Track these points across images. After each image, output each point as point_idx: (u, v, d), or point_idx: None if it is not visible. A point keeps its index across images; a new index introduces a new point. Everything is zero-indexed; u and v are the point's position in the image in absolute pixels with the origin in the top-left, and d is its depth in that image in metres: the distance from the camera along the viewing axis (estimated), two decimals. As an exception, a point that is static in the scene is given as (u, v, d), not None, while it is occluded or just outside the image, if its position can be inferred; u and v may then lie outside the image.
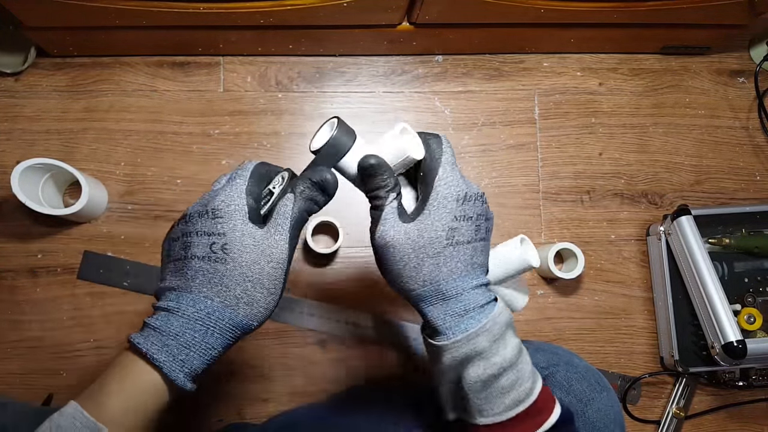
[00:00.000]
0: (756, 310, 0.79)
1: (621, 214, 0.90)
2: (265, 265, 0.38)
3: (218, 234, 0.38)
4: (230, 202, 0.39)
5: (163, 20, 0.74)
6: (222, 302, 0.38)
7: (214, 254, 0.38)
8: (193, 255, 0.38)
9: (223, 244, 0.38)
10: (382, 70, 0.91)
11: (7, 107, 0.84)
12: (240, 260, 0.38)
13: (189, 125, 0.86)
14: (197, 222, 0.39)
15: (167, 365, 0.36)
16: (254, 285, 0.38)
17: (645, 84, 0.94)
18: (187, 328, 0.37)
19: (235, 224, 0.38)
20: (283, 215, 0.39)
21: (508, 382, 0.40)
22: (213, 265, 0.38)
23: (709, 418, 0.87)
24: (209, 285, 0.38)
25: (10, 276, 0.80)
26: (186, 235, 0.39)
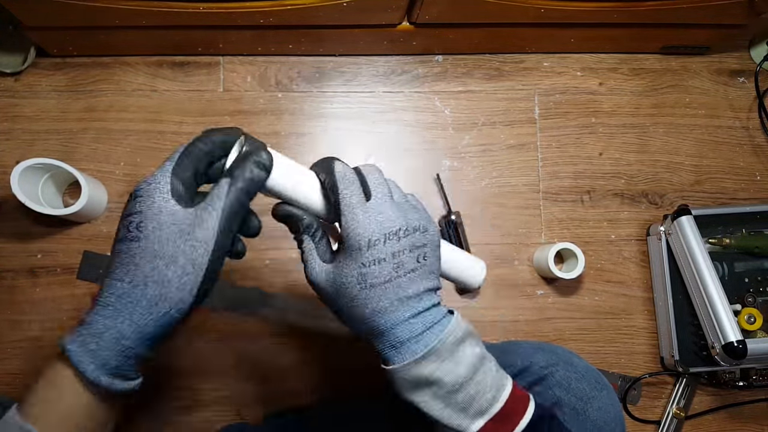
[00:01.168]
0: (756, 310, 0.79)
1: (621, 214, 0.90)
2: (182, 243, 0.36)
3: (136, 213, 0.37)
4: (151, 182, 0.37)
5: (163, 20, 0.74)
6: (130, 281, 0.36)
7: (130, 233, 0.36)
8: (116, 239, 0.37)
9: (139, 222, 0.36)
10: (382, 69, 0.91)
11: (6, 107, 0.84)
12: (153, 237, 0.36)
13: (189, 125, 0.86)
14: (126, 206, 0.38)
15: (75, 356, 0.35)
16: (167, 263, 0.36)
17: (645, 84, 0.94)
18: (99, 314, 0.36)
19: (153, 201, 0.36)
20: (215, 196, 0.38)
21: (466, 398, 0.39)
22: (128, 245, 0.36)
23: (710, 418, 0.87)
24: (122, 266, 0.36)
25: (9, 276, 0.80)
26: (119, 222, 0.38)
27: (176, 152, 0.39)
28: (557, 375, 0.57)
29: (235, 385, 0.80)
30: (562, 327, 0.86)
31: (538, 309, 0.86)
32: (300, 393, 0.81)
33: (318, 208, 0.43)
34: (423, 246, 0.40)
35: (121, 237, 0.37)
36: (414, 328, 0.40)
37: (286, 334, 0.82)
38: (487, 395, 0.40)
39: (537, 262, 0.86)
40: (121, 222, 0.37)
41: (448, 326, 0.40)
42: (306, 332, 0.82)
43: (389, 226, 0.39)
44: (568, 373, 0.58)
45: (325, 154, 0.90)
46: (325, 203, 0.43)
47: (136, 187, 0.38)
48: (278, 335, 0.82)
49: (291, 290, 0.83)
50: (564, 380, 0.57)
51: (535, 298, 0.86)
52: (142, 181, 0.38)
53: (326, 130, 0.88)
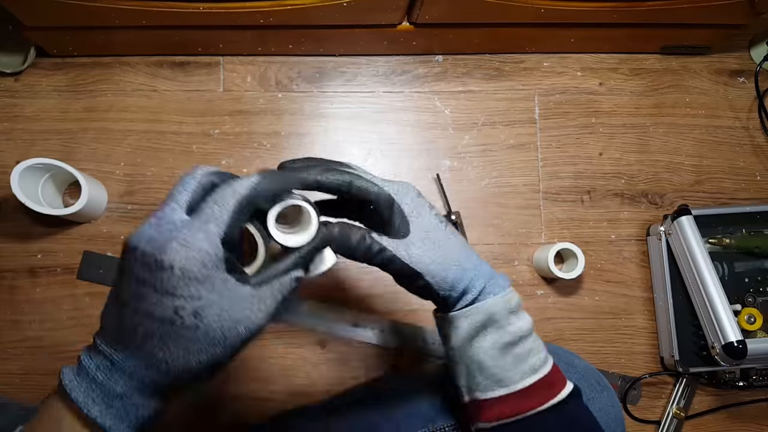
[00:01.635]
0: (756, 310, 0.79)
1: (621, 214, 0.90)
2: (244, 329, 0.33)
3: (189, 297, 0.31)
4: (206, 261, 0.31)
5: (163, 20, 0.74)
6: (178, 365, 0.32)
7: (181, 319, 0.31)
8: (147, 312, 0.31)
9: (195, 309, 0.31)
10: (382, 69, 0.91)
11: (6, 107, 0.84)
12: (215, 326, 0.31)
13: (189, 125, 0.86)
14: (156, 273, 0.31)
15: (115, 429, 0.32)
16: (224, 349, 0.32)
17: (645, 84, 0.94)
18: (135, 391, 0.32)
19: (213, 284, 0.31)
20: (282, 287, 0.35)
21: (524, 350, 0.41)
22: (177, 330, 0.31)
23: (710, 418, 0.87)
24: (166, 350, 0.31)
25: (9, 276, 0.80)
26: (138, 282, 0.31)
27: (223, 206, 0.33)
28: (557, 375, 0.57)
29: (236, 385, 0.80)
30: (562, 327, 0.86)
31: (538, 309, 0.86)
32: (305, 393, 0.81)
33: None
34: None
35: (162, 317, 0.31)
36: (487, 270, 0.43)
37: (290, 333, 0.82)
38: (541, 354, 0.42)
39: (537, 262, 0.86)
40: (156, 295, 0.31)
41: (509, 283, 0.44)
42: (310, 332, 0.82)
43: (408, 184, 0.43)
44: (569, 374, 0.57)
45: (325, 154, 0.90)
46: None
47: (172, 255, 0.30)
48: (281, 335, 0.82)
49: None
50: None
51: (535, 298, 0.86)
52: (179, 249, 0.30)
53: (326, 130, 0.88)
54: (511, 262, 0.87)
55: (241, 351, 0.34)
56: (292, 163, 0.41)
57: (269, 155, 0.86)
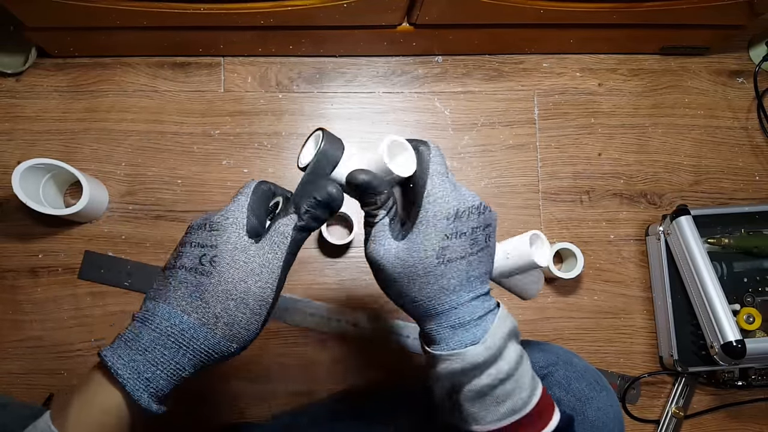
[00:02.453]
0: (755, 309, 0.79)
1: (620, 214, 0.90)
2: (253, 284, 0.36)
3: (210, 246, 0.36)
4: (228, 216, 0.37)
5: (164, 21, 0.74)
6: (199, 319, 0.35)
7: (202, 266, 0.36)
8: (181, 265, 0.36)
9: (213, 257, 0.36)
10: (382, 70, 0.91)
11: (8, 107, 0.84)
12: (226, 275, 0.36)
13: (190, 125, 0.86)
14: (194, 233, 0.38)
15: (131, 383, 0.34)
16: (237, 304, 0.36)
17: (644, 84, 0.94)
18: (158, 343, 0.35)
19: (229, 237, 0.36)
20: (281, 234, 0.38)
21: (503, 393, 0.39)
22: (198, 278, 0.36)
23: (708, 417, 0.87)
24: (189, 299, 0.35)
25: (11, 276, 0.80)
26: (181, 245, 0.38)
27: (247, 186, 0.39)
28: (557, 375, 0.57)
29: (237, 385, 0.80)
30: (561, 326, 0.86)
31: (537, 309, 0.86)
32: (306, 392, 0.81)
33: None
34: (490, 226, 0.42)
35: (190, 266, 0.36)
36: (474, 311, 0.40)
37: (290, 333, 0.82)
38: (522, 394, 0.40)
39: (536, 262, 0.86)
40: (188, 248, 0.37)
41: (497, 317, 0.40)
42: (311, 332, 0.83)
43: (471, 201, 0.40)
44: (568, 373, 0.58)
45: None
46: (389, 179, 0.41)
47: (208, 217, 0.38)
48: (281, 334, 0.82)
49: (295, 289, 0.83)
50: (563, 380, 0.57)
51: (534, 298, 0.86)
52: (218, 213, 0.38)
53: (326, 130, 0.88)
54: (511, 262, 0.87)
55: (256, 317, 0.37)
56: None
57: (270, 155, 0.86)
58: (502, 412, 0.40)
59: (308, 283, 0.84)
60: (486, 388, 0.39)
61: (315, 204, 0.38)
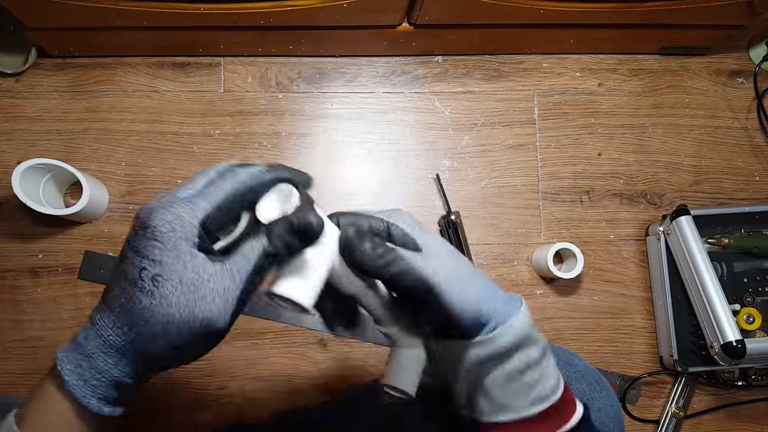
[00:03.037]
0: (755, 309, 0.79)
1: (620, 214, 0.90)
2: (200, 312, 0.31)
3: (152, 260, 0.31)
4: (177, 226, 0.31)
5: (164, 21, 0.74)
6: (137, 334, 0.32)
7: (142, 282, 0.31)
8: (123, 271, 0.32)
9: (155, 275, 0.31)
10: (382, 70, 0.91)
11: (8, 107, 0.84)
12: (170, 299, 0.31)
13: (190, 126, 0.86)
14: (136, 234, 0.32)
15: (77, 390, 0.32)
16: (180, 329, 0.31)
17: (644, 84, 0.94)
18: (101, 350, 0.32)
19: (178, 254, 0.31)
20: (246, 259, 0.33)
21: (532, 379, 0.39)
22: (137, 294, 0.31)
23: (708, 417, 0.87)
24: (126, 314, 0.32)
25: (11, 276, 0.80)
26: (127, 243, 0.33)
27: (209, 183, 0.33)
28: (557, 375, 0.58)
29: (237, 384, 0.80)
30: (561, 327, 0.86)
31: (537, 309, 0.86)
32: (306, 392, 0.81)
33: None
34: None
35: (129, 277, 0.31)
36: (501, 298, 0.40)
37: (290, 333, 0.82)
38: (550, 381, 0.40)
39: (536, 262, 0.86)
40: (129, 252, 0.32)
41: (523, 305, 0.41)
42: (310, 332, 0.83)
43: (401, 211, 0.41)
44: (568, 374, 0.58)
45: (325, 154, 0.90)
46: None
47: (152, 213, 0.31)
48: (281, 334, 0.82)
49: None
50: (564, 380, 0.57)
51: (534, 298, 0.87)
52: (163, 210, 0.31)
53: (326, 130, 0.88)
54: (511, 262, 0.87)
55: (206, 343, 0.33)
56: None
57: (270, 155, 0.86)
58: (532, 398, 0.39)
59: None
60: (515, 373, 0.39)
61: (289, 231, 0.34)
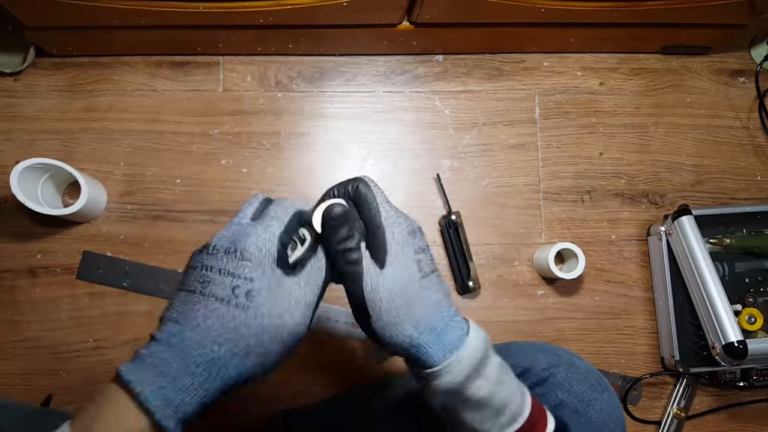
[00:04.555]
0: (757, 310, 0.79)
1: (622, 214, 0.90)
2: (289, 319, 0.36)
3: (244, 278, 0.35)
4: (261, 246, 0.36)
5: (163, 20, 0.74)
6: (231, 350, 0.34)
7: (236, 298, 0.35)
8: (210, 293, 0.35)
9: (248, 290, 0.35)
10: (382, 69, 0.91)
11: (6, 107, 0.84)
12: (263, 309, 0.35)
13: (188, 125, 0.86)
14: (222, 258, 0.36)
15: (160, 411, 0.33)
16: (271, 338, 0.35)
17: (646, 84, 0.94)
18: (187, 372, 0.34)
19: (264, 270, 0.35)
20: (317, 269, 0.38)
21: (498, 401, 0.40)
22: (231, 310, 0.34)
23: (710, 418, 0.87)
24: (221, 330, 0.34)
25: (9, 276, 0.80)
26: (206, 269, 0.36)
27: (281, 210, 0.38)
28: (559, 376, 0.57)
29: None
30: (562, 327, 0.86)
31: (538, 309, 0.86)
32: (304, 392, 0.81)
33: None
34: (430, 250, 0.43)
35: (222, 296, 0.35)
36: (458, 326, 0.40)
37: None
38: (515, 400, 0.40)
39: (537, 262, 0.86)
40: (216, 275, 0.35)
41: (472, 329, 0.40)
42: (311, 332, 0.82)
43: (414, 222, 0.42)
44: (570, 375, 0.58)
45: (325, 154, 0.90)
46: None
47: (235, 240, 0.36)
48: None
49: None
50: (565, 382, 0.57)
51: (535, 299, 0.86)
52: (246, 237, 0.36)
53: (326, 130, 0.88)
54: (512, 262, 0.87)
55: (291, 349, 0.37)
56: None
57: (269, 155, 0.86)
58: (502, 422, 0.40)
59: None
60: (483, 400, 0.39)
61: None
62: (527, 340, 0.85)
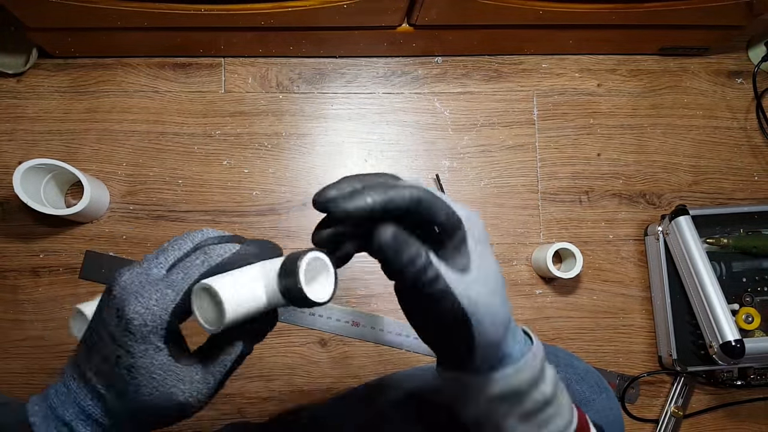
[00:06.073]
0: (754, 309, 0.79)
1: (619, 214, 0.90)
2: (173, 409, 0.33)
3: (125, 350, 0.31)
4: (148, 321, 0.31)
5: (165, 21, 0.74)
6: (120, 411, 0.32)
7: (117, 368, 0.31)
8: (98, 349, 0.32)
9: (129, 366, 0.31)
10: (382, 71, 0.91)
11: (9, 108, 0.84)
12: (144, 391, 0.31)
13: (190, 126, 0.86)
14: (112, 317, 0.31)
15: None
16: (159, 410, 0.32)
17: (643, 85, 0.95)
18: (80, 419, 0.33)
19: (146, 349, 0.31)
20: (222, 365, 0.34)
21: (546, 416, 0.38)
22: (114, 375, 0.32)
23: (707, 417, 0.87)
24: (106, 388, 0.32)
25: (12, 275, 0.81)
26: (100, 320, 0.32)
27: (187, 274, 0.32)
28: (557, 377, 0.58)
29: (237, 384, 0.81)
30: (560, 326, 0.87)
31: (536, 308, 0.87)
32: (304, 392, 0.81)
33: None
34: None
35: (103, 353, 0.32)
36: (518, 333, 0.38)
37: (290, 332, 0.82)
38: (565, 416, 0.39)
39: (535, 262, 0.86)
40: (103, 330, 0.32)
41: (536, 340, 0.38)
42: (311, 331, 0.83)
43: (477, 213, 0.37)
44: (568, 375, 0.58)
45: (325, 155, 0.90)
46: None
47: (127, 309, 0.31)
48: (281, 334, 0.82)
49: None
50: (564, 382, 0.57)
51: (533, 298, 0.87)
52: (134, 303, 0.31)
53: (326, 131, 0.88)
54: (510, 261, 0.87)
55: (183, 417, 0.34)
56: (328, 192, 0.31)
57: (270, 156, 0.87)
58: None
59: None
60: (531, 413, 0.38)
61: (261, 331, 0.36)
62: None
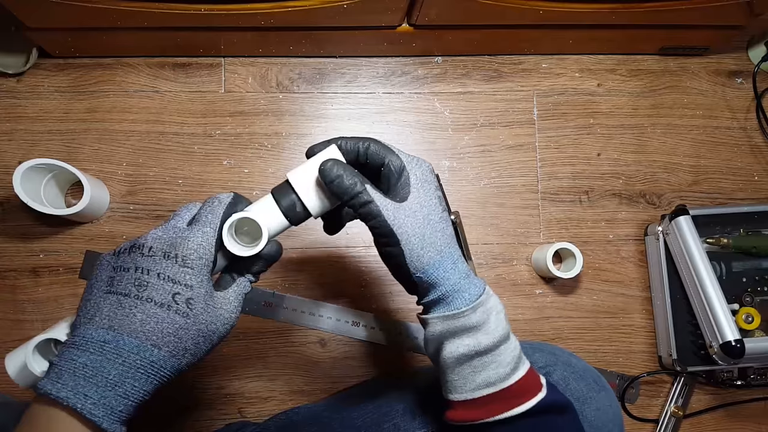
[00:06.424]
0: (754, 309, 0.79)
1: (619, 214, 0.90)
2: (221, 326, 0.39)
3: (185, 285, 0.36)
4: (202, 254, 0.37)
5: (165, 21, 0.74)
6: (170, 352, 0.36)
7: (176, 305, 0.36)
8: (149, 298, 0.35)
9: (188, 298, 0.36)
10: (382, 71, 0.91)
11: (9, 108, 0.84)
12: (201, 318, 0.37)
13: (190, 126, 0.86)
14: (161, 263, 0.36)
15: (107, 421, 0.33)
16: (205, 341, 0.38)
17: (643, 85, 0.95)
18: (127, 377, 0.34)
19: (202, 280, 0.37)
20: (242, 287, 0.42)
21: (480, 364, 0.42)
22: (172, 316, 0.36)
23: (707, 417, 0.87)
24: (161, 334, 0.35)
25: (11, 275, 0.81)
26: (142, 271, 0.36)
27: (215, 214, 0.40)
28: (555, 375, 0.58)
29: (237, 384, 0.81)
30: (560, 326, 0.87)
31: (536, 308, 0.87)
32: (304, 392, 0.81)
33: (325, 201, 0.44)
34: None
35: (161, 302, 0.35)
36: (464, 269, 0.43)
37: (290, 332, 0.82)
38: (501, 370, 0.42)
39: (535, 262, 0.86)
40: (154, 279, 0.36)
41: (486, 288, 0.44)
42: (311, 331, 0.83)
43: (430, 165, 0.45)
44: (567, 374, 0.58)
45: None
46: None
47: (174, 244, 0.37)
48: (281, 334, 0.82)
49: (295, 289, 0.83)
50: (562, 381, 0.57)
51: (533, 298, 0.87)
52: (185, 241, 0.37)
53: (327, 131, 0.88)
54: (510, 261, 0.87)
55: (215, 346, 0.40)
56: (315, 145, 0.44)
57: (270, 156, 0.87)
58: (477, 382, 0.42)
59: (307, 284, 0.84)
60: (465, 356, 0.42)
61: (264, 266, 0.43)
62: (525, 339, 0.85)
